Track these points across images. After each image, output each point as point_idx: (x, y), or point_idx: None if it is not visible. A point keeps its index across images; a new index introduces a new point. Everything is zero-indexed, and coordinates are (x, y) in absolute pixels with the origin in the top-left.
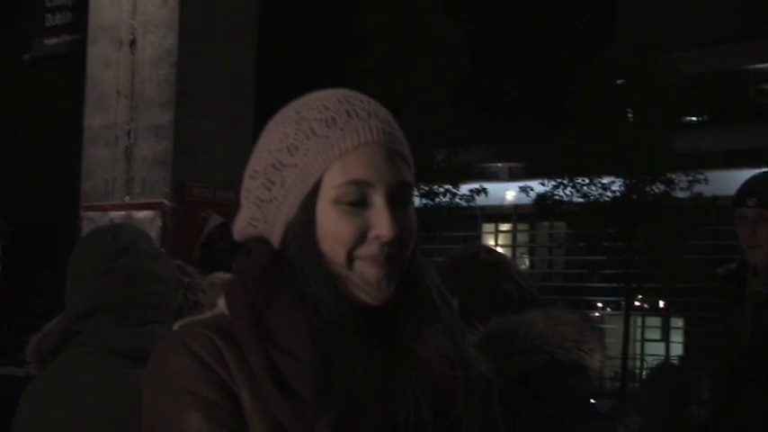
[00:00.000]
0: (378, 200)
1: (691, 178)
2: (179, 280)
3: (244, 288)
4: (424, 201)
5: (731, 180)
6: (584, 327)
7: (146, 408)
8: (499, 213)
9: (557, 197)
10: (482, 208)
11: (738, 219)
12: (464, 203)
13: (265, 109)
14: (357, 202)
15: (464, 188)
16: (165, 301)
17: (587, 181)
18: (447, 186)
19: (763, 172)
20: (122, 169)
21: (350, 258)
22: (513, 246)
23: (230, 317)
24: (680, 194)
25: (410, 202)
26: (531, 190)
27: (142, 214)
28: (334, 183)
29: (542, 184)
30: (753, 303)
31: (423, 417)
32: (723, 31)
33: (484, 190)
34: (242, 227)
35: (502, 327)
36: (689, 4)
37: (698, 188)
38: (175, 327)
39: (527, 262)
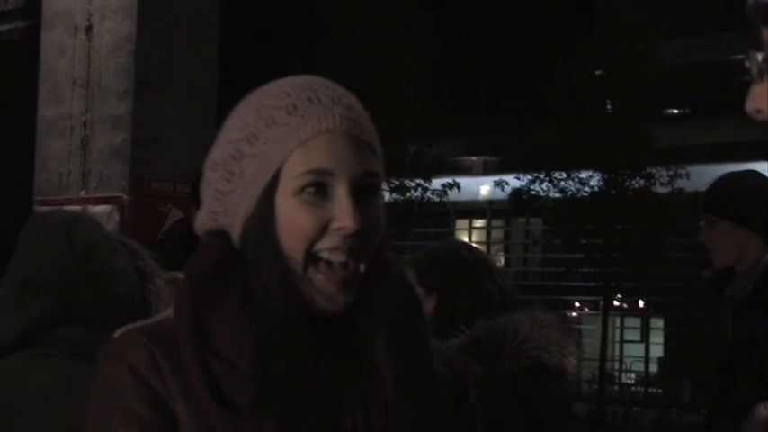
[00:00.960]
0: (340, 190)
1: (672, 173)
2: (136, 267)
3: (189, 289)
4: (394, 195)
5: (714, 175)
6: (565, 329)
7: (85, 422)
8: (473, 209)
9: (533, 192)
10: (455, 203)
11: (704, 221)
12: (436, 198)
13: (229, 99)
14: (318, 193)
15: (436, 182)
16: (130, 299)
17: (565, 175)
18: (418, 181)
19: (726, 174)
20: (78, 162)
21: (309, 255)
22: (488, 243)
23: (173, 321)
24: (661, 190)
25: (377, 193)
26: (507, 185)
27: (99, 209)
28: (294, 172)
29: (518, 179)
30: (731, 307)
31: (372, 425)
32: (707, 20)
33: (457, 185)
34: (202, 221)
35: (489, 329)
36: None
37: (679, 183)
38: (117, 333)
39: (502, 260)
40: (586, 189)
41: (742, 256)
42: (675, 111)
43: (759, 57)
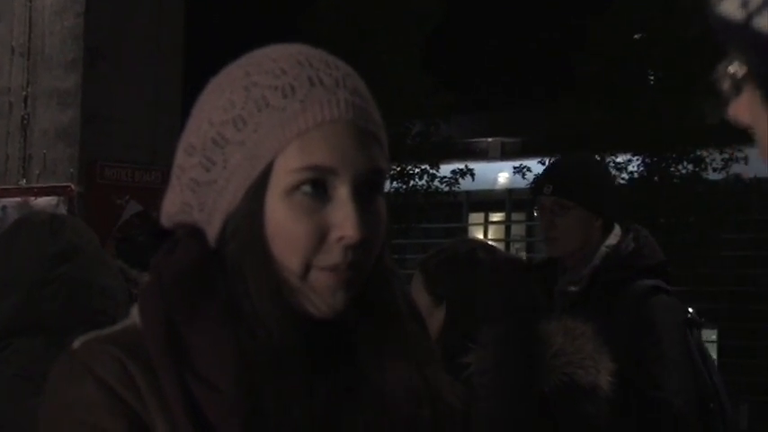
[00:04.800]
0: (342, 191)
1: (726, 156)
2: (125, 291)
3: (160, 295)
4: (395, 185)
5: None
6: (599, 341)
7: None
8: (489, 200)
9: None
10: (468, 193)
11: (537, 208)
12: (445, 188)
13: (198, 71)
14: (315, 193)
15: (445, 169)
16: (109, 321)
17: (598, 160)
18: (424, 166)
19: (562, 157)
20: (17, 146)
21: (305, 266)
22: (507, 240)
23: (142, 332)
24: (713, 176)
25: (380, 192)
26: (529, 171)
27: (42, 201)
28: (288, 167)
29: (542, 164)
30: (562, 303)
31: None
32: None
33: (470, 171)
34: (172, 212)
35: (515, 342)
36: None
37: (735, 168)
38: (75, 344)
39: (525, 259)
40: (624, 176)
41: (584, 246)
42: None
43: (731, 69)
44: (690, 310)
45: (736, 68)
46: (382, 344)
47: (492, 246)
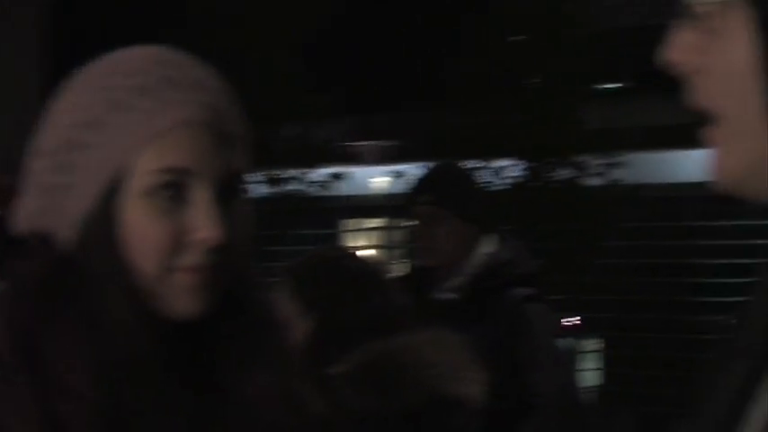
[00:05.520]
0: (200, 194)
1: (607, 161)
2: None
3: (13, 304)
4: (267, 189)
5: (658, 164)
6: (471, 352)
7: None
8: (365, 206)
9: None
10: (344, 198)
11: (412, 216)
12: (320, 193)
13: (59, 66)
14: (173, 196)
15: (319, 173)
16: None
17: (478, 164)
18: (297, 171)
19: (440, 164)
20: None
21: (164, 269)
22: (385, 247)
23: None
24: (593, 182)
25: (242, 195)
26: (408, 176)
27: None
28: (144, 170)
29: (421, 169)
30: (438, 310)
31: None
32: None
33: (346, 175)
34: (25, 218)
35: (383, 353)
36: None
37: (615, 174)
38: None
39: (404, 267)
40: (504, 180)
41: (460, 254)
42: (612, 86)
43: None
44: (572, 319)
45: None
46: (245, 350)
47: (358, 253)
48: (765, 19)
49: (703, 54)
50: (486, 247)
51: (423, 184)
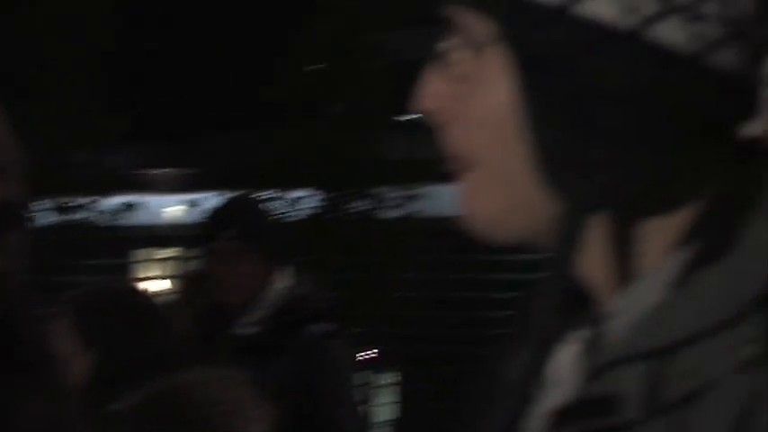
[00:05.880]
0: None
1: (405, 193)
2: None
3: None
4: (53, 218)
5: (458, 196)
6: (256, 389)
7: None
8: (158, 235)
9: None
10: (135, 228)
11: (212, 252)
12: (110, 222)
13: None
14: None
15: (111, 201)
16: None
17: (273, 194)
18: (86, 199)
19: (238, 197)
20: None
21: None
22: (179, 278)
23: None
24: (391, 214)
25: (20, 225)
26: (204, 205)
27: None
28: None
29: (218, 198)
30: (236, 347)
31: None
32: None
33: (137, 204)
34: None
35: (166, 391)
36: None
37: (415, 206)
38: None
39: (199, 300)
40: (299, 211)
41: (261, 290)
42: (411, 116)
43: (449, 46)
44: (369, 352)
45: (465, 38)
46: (14, 382)
47: (150, 286)
48: (525, 62)
49: (457, 102)
50: (283, 282)
51: (222, 217)
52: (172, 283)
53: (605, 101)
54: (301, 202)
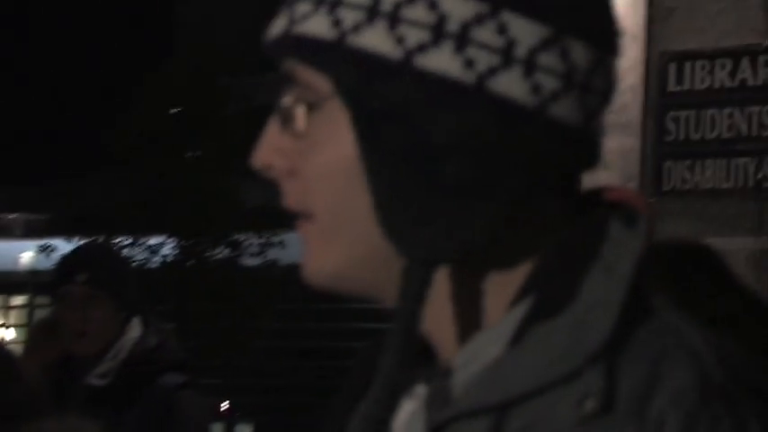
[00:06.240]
0: None
1: (264, 241)
2: None
3: None
4: None
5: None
6: None
7: None
8: (10, 282)
9: None
10: None
11: (62, 298)
12: None
13: None
14: None
15: None
16: None
17: (130, 240)
18: None
19: (91, 242)
20: None
21: None
22: (29, 325)
23: None
24: (250, 262)
25: None
26: (55, 251)
27: None
28: None
29: (69, 243)
30: (86, 398)
31: None
32: None
33: None
34: None
35: None
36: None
37: (272, 254)
38: None
39: (50, 349)
40: (156, 259)
41: (113, 340)
42: None
43: (287, 101)
44: (223, 404)
45: (303, 93)
46: None
47: None
48: (361, 116)
49: (295, 157)
50: (135, 331)
51: (72, 262)
52: (24, 331)
53: (445, 154)
54: (158, 248)
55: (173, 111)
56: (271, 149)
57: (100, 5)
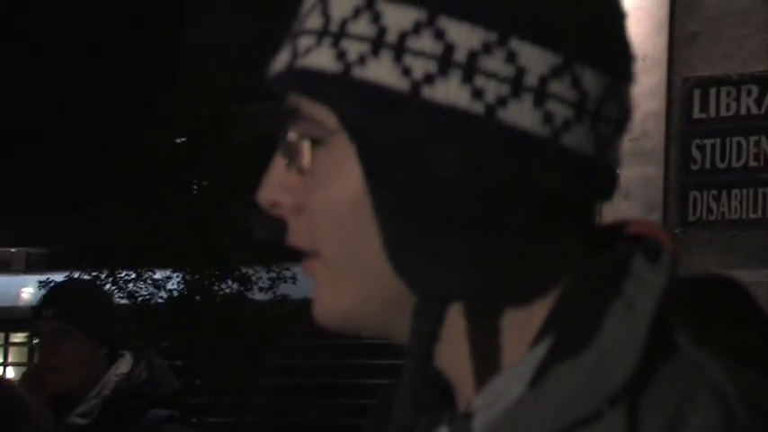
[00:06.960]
0: None
1: (274, 275)
2: None
3: None
4: None
5: None
6: None
7: None
8: (11, 318)
9: None
10: None
11: (37, 334)
12: None
13: None
14: None
15: None
16: None
17: (134, 275)
18: None
19: (67, 279)
20: None
21: None
22: (31, 363)
23: None
24: (259, 296)
25: None
26: None
27: None
28: None
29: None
30: None
31: None
32: None
33: None
34: None
35: None
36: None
37: (283, 289)
38: None
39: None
40: (162, 293)
41: (90, 375)
42: None
43: (292, 136)
44: None
45: (308, 128)
46: None
47: (3, 379)
48: (368, 151)
49: (300, 194)
50: (122, 367)
51: (44, 298)
52: (24, 370)
53: (455, 188)
54: (164, 282)
55: (179, 140)
56: (276, 186)
57: (96, 34)
